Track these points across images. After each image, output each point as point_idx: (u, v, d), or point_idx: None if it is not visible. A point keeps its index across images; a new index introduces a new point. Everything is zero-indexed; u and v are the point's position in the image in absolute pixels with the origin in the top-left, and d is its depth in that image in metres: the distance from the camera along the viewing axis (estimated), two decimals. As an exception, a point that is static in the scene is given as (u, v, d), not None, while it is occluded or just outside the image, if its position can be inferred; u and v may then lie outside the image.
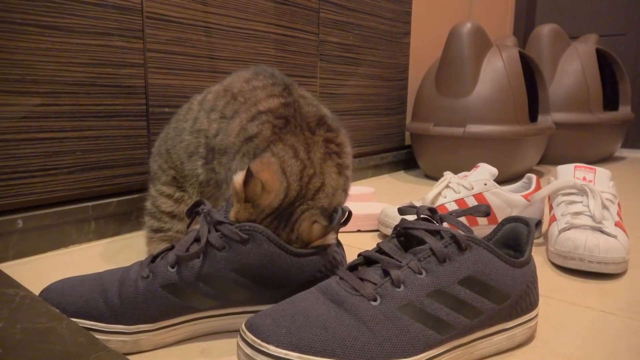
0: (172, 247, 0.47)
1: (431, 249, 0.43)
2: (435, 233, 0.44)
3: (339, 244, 0.53)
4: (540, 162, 1.68)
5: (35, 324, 0.38)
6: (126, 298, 0.44)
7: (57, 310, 0.41)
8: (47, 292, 0.45)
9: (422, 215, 0.47)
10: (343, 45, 1.27)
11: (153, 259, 0.47)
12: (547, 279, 0.66)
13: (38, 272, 0.66)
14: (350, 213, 0.50)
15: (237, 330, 0.49)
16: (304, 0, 1.12)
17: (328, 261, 0.49)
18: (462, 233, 0.44)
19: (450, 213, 0.47)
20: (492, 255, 0.44)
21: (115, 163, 0.81)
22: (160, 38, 0.84)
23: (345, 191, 0.54)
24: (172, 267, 0.45)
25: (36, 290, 0.47)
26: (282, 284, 0.47)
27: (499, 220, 0.81)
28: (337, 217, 0.49)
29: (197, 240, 0.46)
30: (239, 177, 0.47)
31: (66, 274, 0.65)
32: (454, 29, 1.31)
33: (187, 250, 0.45)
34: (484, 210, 0.47)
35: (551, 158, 1.65)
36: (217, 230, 0.46)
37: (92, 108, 0.77)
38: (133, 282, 0.45)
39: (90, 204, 0.78)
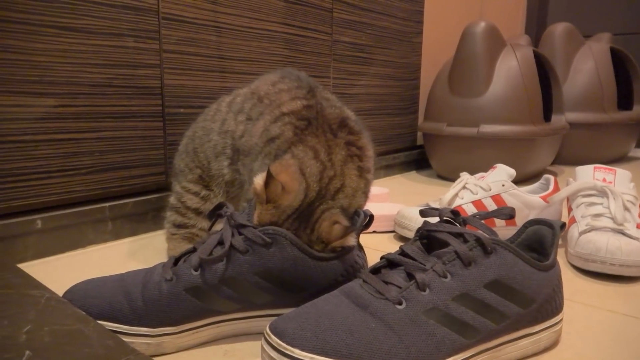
0: (194, 250, 0.47)
1: (456, 252, 0.42)
2: (459, 236, 0.44)
3: (360, 247, 0.52)
4: (553, 163, 1.66)
5: (62, 326, 0.38)
6: (149, 300, 0.44)
7: (83, 313, 0.41)
8: (70, 294, 0.45)
9: (444, 218, 0.47)
10: (356, 45, 1.26)
11: (176, 261, 0.47)
12: (568, 282, 0.65)
13: (57, 272, 0.66)
14: (372, 217, 0.50)
15: (260, 333, 0.49)
16: (317, 0, 1.12)
17: (350, 265, 0.49)
18: (487, 236, 0.44)
19: (474, 215, 0.46)
20: (517, 258, 0.44)
21: (131, 164, 0.81)
22: (175, 39, 0.84)
23: (365, 194, 0.54)
24: (196, 270, 0.45)
25: (57, 291, 0.47)
26: (304, 288, 0.47)
27: (517, 221, 0.80)
28: (360, 219, 0.49)
29: (220, 243, 0.46)
30: (259, 179, 0.47)
31: (84, 275, 0.66)
32: (467, 28, 1.30)
33: (211, 253, 0.45)
34: (508, 213, 0.46)
35: (565, 158, 1.63)
36: (240, 234, 0.46)
37: (108, 109, 0.77)
38: (156, 284, 0.45)
39: (107, 204, 0.79)
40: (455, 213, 0.46)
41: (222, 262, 0.45)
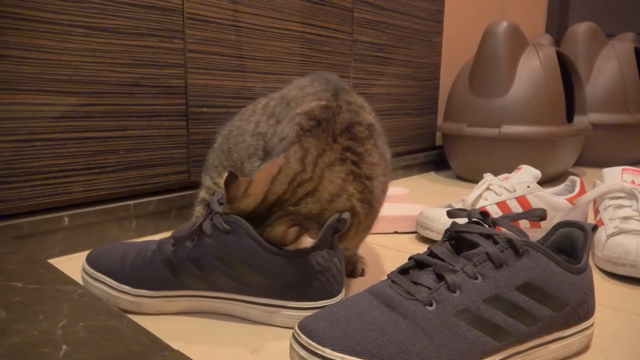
0: None
1: (487, 254, 0.42)
2: (490, 237, 0.43)
3: (335, 248, 0.52)
4: (575, 164, 1.64)
5: (96, 321, 0.39)
6: (135, 265, 0.52)
7: (116, 309, 0.41)
8: (92, 251, 0.56)
9: (473, 219, 0.46)
10: (376, 44, 1.26)
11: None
12: (596, 285, 0.64)
13: (79, 270, 0.67)
14: (345, 220, 0.50)
15: (228, 315, 0.53)
16: (339, 0, 1.12)
17: (311, 265, 0.49)
18: (518, 238, 0.43)
19: (503, 217, 0.46)
20: (549, 260, 0.43)
21: (155, 162, 0.82)
22: (199, 38, 0.85)
23: (360, 200, 0.53)
24: (172, 246, 0.51)
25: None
26: (262, 279, 0.49)
27: (542, 224, 0.79)
28: (328, 222, 0.49)
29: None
30: (223, 178, 0.50)
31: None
32: (489, 27, 1.28)
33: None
34: (540, 214, 0.45)
35: (587, 160, 1.61)
36: (210, 219, 0.50)
37: (134, 108, 0.78)
38: (144, 253, 0.53)
39: (131, 202, 0.80)
40: (484, 214, 0.46)
41: (191, 241, 0.50)
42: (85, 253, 0.74)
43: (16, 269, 0.49)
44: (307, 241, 0.48)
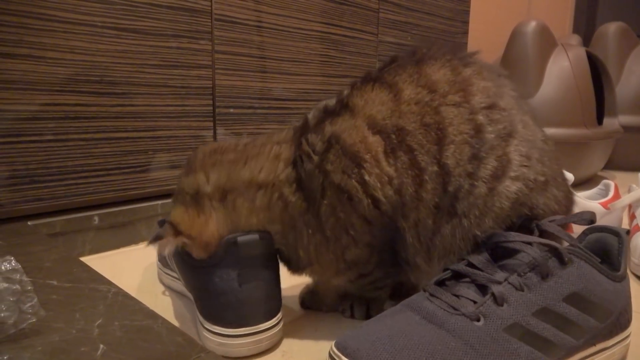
0: None
1: (533, 263, 0.40)
2: (532, 245, 0.42)
3: (240, 272, 0.46)
4: (605, 167, 1.59)
5: (132, 321, 0.39)
6: None
7: (151, 309, 0.42)
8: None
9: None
10: (401, 45, 1.25)
11: None
12: (634, 293, 0.62)
13: (113, 267, 0.68)
14: (253, 243, 0.46)
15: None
16: (365, 1, 1.11)
17: (205, 281, 0.46)
18: (561, 245, 0.42)
19: (550, 220, 0.44)
20: (594, 269, 0.42)
21: (183, 162, 0.83)
22: (227, 39, 0.85)
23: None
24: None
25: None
26: (185, 284, 0.52)
27: (574, 228, 0.77)
28: (225, 239, 0.46)
29: None
30: None
31: (138, 270, 0.67)
32: (518, 27, 1.26)
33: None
34: (589, 218, 0.44)
35: (617, 163, 1.56)
36: None
37: (163, 108, 0.78)
38: None
39: (159, 202, 0.80)
40: (529, 218, 0.44)
41: None
42: (115, 252, 0.74)
43: (51, 267, 0.50)
44: (165, 245, 0.45)
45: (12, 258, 0.36)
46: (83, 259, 0.71)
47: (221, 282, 0.44)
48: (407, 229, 0.45)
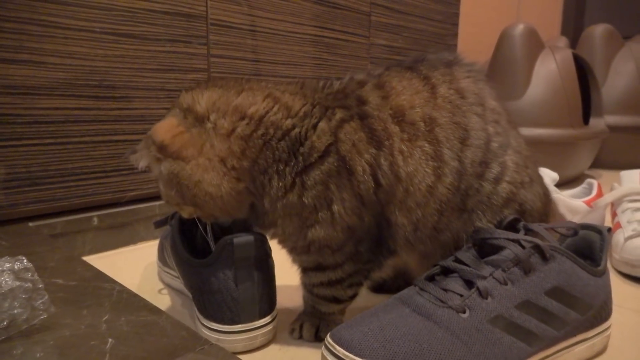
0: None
1: (516, 260, 0.42)
2: (516, 242, 0.44)
3: (235, 272, 0.47)
4: (591, 166, 1.63)
5: (137, 317, 0.41)
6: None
7: (155, 305, 0.43)
8: None
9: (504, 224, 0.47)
10: (392, 47, 1.27)
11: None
12: (615, 288, 0.64)
13: (112, 267, 0.70)
14: (247, 245, 0.48)
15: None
16: (356, 4, 1.13)
17: (202, 280, 0.48)
18: (543, 243, 0.44)
19: (539, 225, 0.46)
20: (575, 265, 0.44)
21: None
22: (222, 44, 0.87)
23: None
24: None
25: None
26: (183, 280, 0.55)
27: (560, 226, 0.80)
28: (221, 240, 0.48)
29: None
30: None
31: (138, 269, 0.69)
32: (506, 30, 1.29)
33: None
34: (573, 228, 0.47)
35: (603, 162, 1.60)
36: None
37: (160, 112, 0.80)
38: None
39: (157, 203, 0.82)
40: (515, 220, 0.46)
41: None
42: (114, 252, 0.76)
43: (56, 267, 0.52)
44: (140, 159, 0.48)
45: (24, 258, 0.38)
46: (83, 259, 0.73)
47: (217, 281, 0.46)
48: (403, 224, 0.46)
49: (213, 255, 0.47)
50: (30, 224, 0.68)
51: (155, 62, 0.78)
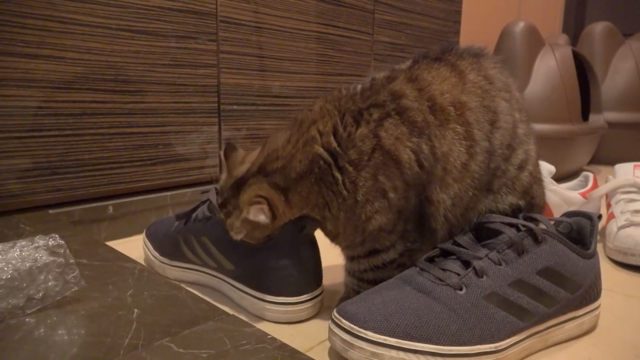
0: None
1: (510, 242, 0.46)
2: (512, 226, 0.47)
3: (298, 249, 0.52)
4: (591, 162, 1.66)
5: (159, 291, 0.44)
6: (165, 235, 0.64)
7: (175, 282, 0.47)
8: (154, 222, 0.68)
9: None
10: (395, 44, 1.30)
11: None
12: (608, 274, 0.68)
13: (127, 253, 0.73)
14: (309, 226, 0.52)
15: (225, 294, 0.57)
16: (360, 2, 1.16)
17: (265, 259, 0.52)
18: (537, 226, 0.47)
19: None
20: (565, 247, 0.47)
21: (190, 156, 0.88)
22: (231, 40, 0.90)
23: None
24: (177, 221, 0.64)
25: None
26: (230, 265, 0.55)
27: (555, 214, 0.83)
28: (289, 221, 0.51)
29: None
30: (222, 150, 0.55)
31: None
32: (506, 28, 1.32)
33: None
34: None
35: (603, 158, 1.63)
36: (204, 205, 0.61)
37: (172, 105, 0.84)
38: (170, 224, 0.64)
39: (168, 193, 0.85)
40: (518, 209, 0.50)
41: (181, 222, 0.61)
42: (128, 239, 0.80)
43: (79, 249, 0.55)
44: (260, 216, 0.46)
45: (57, 235, 0.41)
46: (99, 245, 0.77)
47: (283, 258, 0.51)
48: (443, 200, 0.49)
49: (279, 236, 0.51)
50: (50, 211, 0.71)
51: (167, 58, 0.81)
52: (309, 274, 0.52)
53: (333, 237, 0.52)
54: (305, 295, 0.51)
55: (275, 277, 0.51)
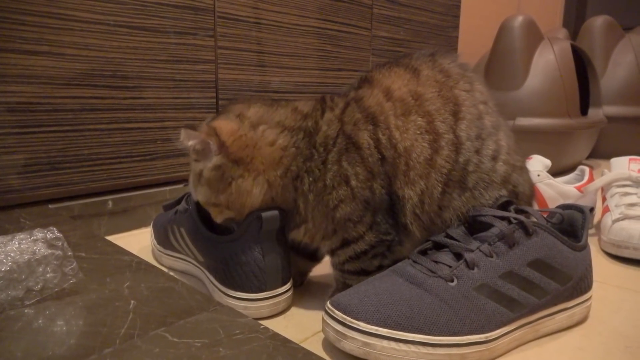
0: None
1: (500, 235, 0.46)
2: (504, 219, 0.48)
3: (260, 244, 0.52)
4: (590, 156, 1.66)
5: (155, 283, 0.45)
6: (163, 225, 0.66)
7: (171, 274, 0.48)
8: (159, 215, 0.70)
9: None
10: (394, 39, 1.30)
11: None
12: (602, 267, 0.69)
13: (126, 247, 0.74)
14: (273, 219, 0.52)
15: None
16: (359, -3, 1.17)
17: (229, 254, 0.52)
18: (528, 219, 0.48)
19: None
20: (556, 240, 0.48)
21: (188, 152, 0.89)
22: (229, 36, 0.91)
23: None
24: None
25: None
26: (201, 257, 0.57)
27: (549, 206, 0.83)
28: (251, 216, 0.53)
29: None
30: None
31: (148, 250, 0.73)
32: (505, 22, 1.32)
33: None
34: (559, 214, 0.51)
35: (601, 152, 1.63)
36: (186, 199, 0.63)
37: (170, 101, 0.84)
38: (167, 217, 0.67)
39: (167, 188, 0.86)
40: (508, 202, 0.50)
41: (171, 212, 0.64)
42: (127, 234, 0.81)
43: (78, 242, 0.56)
44: (189, 141, 0.51)
45: (55, 228, 0.42)
46: (99, 240, 0.78)
47: (245, 253, 0.50)
48: (410, 196, 0.50)
49: (240, 230, 0.51)
50: (50, 206, 0.72)
51: (165, 54, 0.82)
52: (273, 271, 0.51)
53: (304, 223, 0.52)
54: (265, 293, 0.51)
55: (237, 272, 0.51)
